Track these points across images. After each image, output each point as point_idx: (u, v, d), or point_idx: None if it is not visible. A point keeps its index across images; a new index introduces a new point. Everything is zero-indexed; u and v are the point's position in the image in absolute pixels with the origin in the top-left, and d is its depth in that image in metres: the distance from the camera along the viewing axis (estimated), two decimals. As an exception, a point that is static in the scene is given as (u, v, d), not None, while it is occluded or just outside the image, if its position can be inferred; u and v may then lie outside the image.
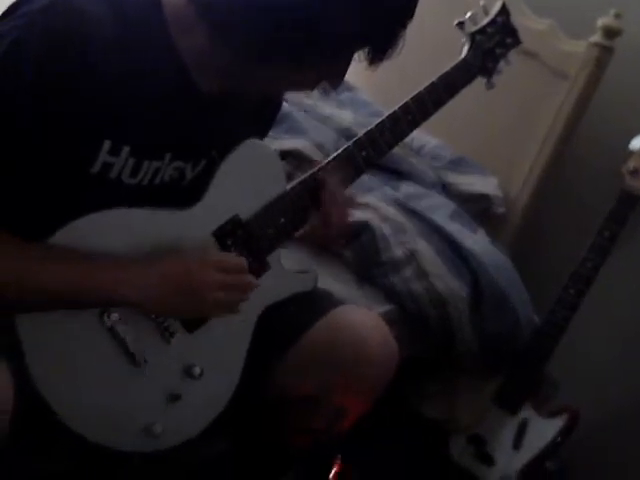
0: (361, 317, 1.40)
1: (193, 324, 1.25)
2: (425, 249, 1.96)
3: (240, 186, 1.27)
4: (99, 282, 1.13)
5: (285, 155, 1.91)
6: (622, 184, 1.98)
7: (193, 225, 1.23)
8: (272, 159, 1.33)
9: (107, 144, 1.10)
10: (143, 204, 1.18)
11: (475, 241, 2.08)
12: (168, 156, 1.19)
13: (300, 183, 1.34)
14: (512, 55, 1.56)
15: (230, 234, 1.26)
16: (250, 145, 1.28)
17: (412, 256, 1.94)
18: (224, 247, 1.26)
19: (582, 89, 2.22)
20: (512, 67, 1.56)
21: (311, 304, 1.39)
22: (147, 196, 1.19)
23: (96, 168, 1.11)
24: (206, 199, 1.24)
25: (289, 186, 1.33)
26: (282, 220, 1.31)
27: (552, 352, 2.01)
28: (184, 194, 1.24)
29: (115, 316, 1.18)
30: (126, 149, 1.12)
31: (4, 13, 1.09)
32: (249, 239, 1.28)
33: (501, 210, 2.30)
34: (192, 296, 1.19)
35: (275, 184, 1.32)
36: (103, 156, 1.11)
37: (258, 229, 1.29)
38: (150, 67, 1.12)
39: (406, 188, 2.18)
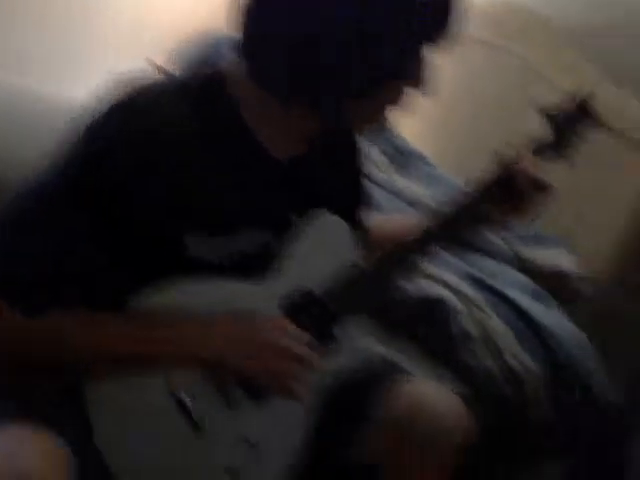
0: (435, 392, 1.37)
1: (256, 394, 1.24)
2: (500, 326, 1.92)
3: (312, 259, 1.28)
4: (185, 337, 1.16)
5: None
6: None
7: (264, 298, 1.24)
8: (344, 231, 1.34)
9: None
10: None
11: (553, 319, 2.03)
12: (245, 229, 1.20)
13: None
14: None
15: (302, 308, 1.27)
16: (321, 218, 1.30)
17: (486, 333, 1.90)
18: (295, 321, 1.25)
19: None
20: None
21: (378, 378, 1.38)
22: (231, 269, 1.21)
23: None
24: (276, 272, 1.25)
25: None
26: (353, 293, 1.31)
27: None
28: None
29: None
30: (203, 230, 1.16)
31: None
32: (321, 313, 1.28)
33: (582, 288, 2.23)
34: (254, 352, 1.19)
35: (347, 257, 1.32)
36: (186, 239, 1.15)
37: (330, 303, 1.29)
38: (224, 148, 1.17)
39: (481, 263, 2.15)
